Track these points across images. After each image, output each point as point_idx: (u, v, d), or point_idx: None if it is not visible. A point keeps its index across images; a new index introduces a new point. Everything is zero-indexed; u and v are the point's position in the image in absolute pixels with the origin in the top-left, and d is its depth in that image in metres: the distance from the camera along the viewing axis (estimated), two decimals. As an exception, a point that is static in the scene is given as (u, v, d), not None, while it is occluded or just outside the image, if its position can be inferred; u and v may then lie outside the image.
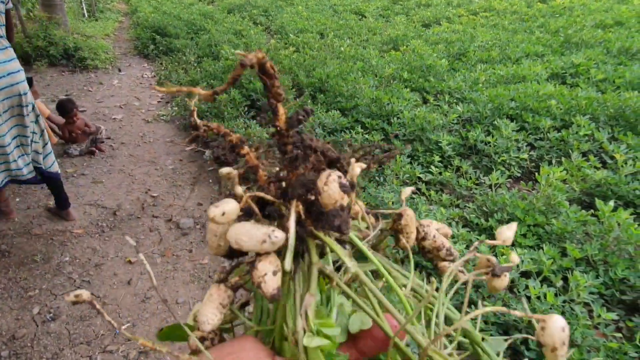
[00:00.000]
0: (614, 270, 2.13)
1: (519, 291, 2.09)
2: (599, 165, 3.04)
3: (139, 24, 9.38)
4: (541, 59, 5.20)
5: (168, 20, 8.72)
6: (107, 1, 12.87)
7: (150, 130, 4.75)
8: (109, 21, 10.72)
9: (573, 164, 3.00)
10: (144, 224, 3.19)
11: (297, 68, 5.35)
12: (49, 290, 2.55)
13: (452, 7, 8.87)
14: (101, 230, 3.10)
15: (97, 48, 7.30)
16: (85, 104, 5.46)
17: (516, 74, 4.60)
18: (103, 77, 6.68)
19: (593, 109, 3.69)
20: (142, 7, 10.79)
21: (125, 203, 3.42)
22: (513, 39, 5.91)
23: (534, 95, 3.94)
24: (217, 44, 6.88)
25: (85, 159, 4.12)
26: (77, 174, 3.85)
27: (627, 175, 2.82)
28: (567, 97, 3.87)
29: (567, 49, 5.51)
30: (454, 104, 4.13)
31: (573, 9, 7.53)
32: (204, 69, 5.70)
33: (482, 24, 7.14)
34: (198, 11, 9.96)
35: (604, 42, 5.39)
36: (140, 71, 7.03)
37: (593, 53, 4.98)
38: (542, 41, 5.72)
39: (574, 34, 5.72)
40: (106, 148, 4.29)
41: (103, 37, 8.91)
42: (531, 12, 7.71)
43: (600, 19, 6.41)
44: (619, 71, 4.39)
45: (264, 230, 0.34)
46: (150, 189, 3.62)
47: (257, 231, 0.34)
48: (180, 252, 2.89)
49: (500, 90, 4.09)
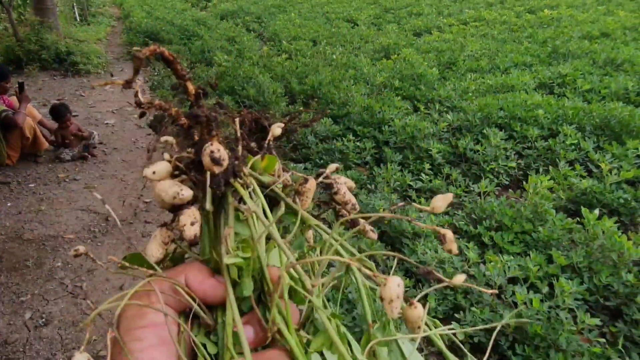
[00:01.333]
0: (598, 276, 2.19)
1: (506, 297, 2.14)
2: (584, 174, 3.12)
3: (131, 29, 9.39)
4: (529, 68, 5.30)
5: (161, 26, 8.74)
6: (99, 5, 12.85)
7: (143, 135, 4.76)
8: (101, 25, 10.71)
9: (560, 172, 3.07)
10: (137, 229, 3.19)
11: (289, 75, 5.40)
12: (41, 295, 2.55)
13: (443, 16, 9.00)
14: (93, 236, 3.10)
15: (89, 53, 7.30)
16: (77, 108, 5.45)
17: (505, 83, 4.69)
18: (95, 81, 6.68)
19: (579, 119, 3.78)
20: (135, 12, 10.80)
21: (117, 208, 3.43)
22: (502, 49, 6.02)
23: (522, 105, 4.02)
24: (210, 50, 6.92)
25: (78, 164, 4.12)
26: (69, 179, 3.85)
27: (612, 184, 2.89)
28: (554, 106, 3.96)
29: (555, 59, 5.63)
30: (444, 112, 4.20)
31: (561, 20, 7.69)
32: (196, 74, 5.73)
33: (472, 34, 7.26)
34: (191, 17, 10.00)
35: (590, 53, 5.51)
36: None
37: (580, 63, 5.09)
38: (530, 51, 5.83)
39: (561, 45, 5.84)
40: (98, 153, 4.29)
41: (95, 42, 8.90)
42: (520, 22, 7.85)
43: (587, 31, 6.55)
44: (605, 82, 4.50)
45: (175, 189, 0.42)
46: (143, 194, 3.63)
47: (170, 188, 0.43)
48: (173, 257, 2.90)
49: (489, 99, 4.17)
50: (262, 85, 4.84)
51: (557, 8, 8.80)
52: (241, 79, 5.18)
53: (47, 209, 3.40)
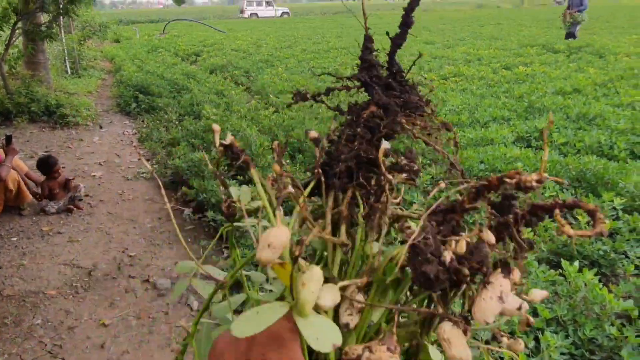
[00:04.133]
0: (583, 330, 2.21)
1: (492, 353, 2.13)
2: (564, 226, 3.20)
3: (122, 82, 9.59)
4: (507, 122, 5.52)
5: (151, 79, 8.95)
6: (90, 59, 13.15)
7: (130, 188, 4.77)
8: (92, 78, 10.92)
9: (540, 224, 3.14)
10: (120, 284, 3.15)
11: (276, 128, 5.54)
12: (19, 355, 2.46)
13: (424, 71, 9.41)
14: (75, 291, 3.04)
15: (79, 105, 7.41)
16: (65, 160, 5.47)
17: (485, 137, 4.86)
18: (84, 133, 6.74)
19: (557, 171, 3.92)
20: (126, 66, 11.07)
21: (101, 262, 3.39)
22: (481, 104, 6.28)
23: (501, 158, 4.17)
24: (198, 103, 7.08)
25: (63, 216, 4.09)
26: (53, 232, 3.81)
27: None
28: (532, 159, 4.11)
29: (531, 113, 5.88)
30: (427, 165, 4.32)
31: (535, 76, 8.09)
32: (185, 127, 5.84)
33: (452, 89, 7.58)
34: (181, 71, 10.28)
35: (564, 108, 5.79)
36: (121, 128, 7.12)
37: (554, 118, 5.33)
38: (507, 106, 6.09)
39: (536, 100, 6.12)
40: (84, 205, 4.28)
41: (86, 94, 9.05)
42: (497, 78, 8.24)
43: (560, 86, 6.90)
44: (579, 135, 4.70)
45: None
46: (128, 248, 3.60)
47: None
48: (157, 314, 2.85)
49: (470, 152, 4.32)
50: (249, 139, 4.94)
51: (531, 65, 9.28)
52: (229, 132, 5.28)
53: (29, 263, 3.34)
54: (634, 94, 6.18)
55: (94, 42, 17.28)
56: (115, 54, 14.62)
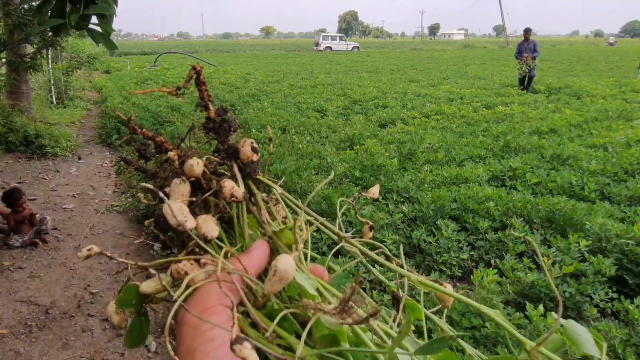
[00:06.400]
0: (543, 377, 2.16)
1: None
2: (533, 267, 3.18)
3: (106, 113, 9.60)
4: (483, 161, 5.58)
5: (135, 111, 8.98)
6: (77, 89, 13.20)
7: (101, 222, 4.69)
8: (77, 109, 10.93)
9: (507, 265, 3.13)
10: (77, 323, 3.03)
11: (254, 163, 5.52)
12: (-43, 401, 2.33)
13: (407, 109, 9.56)
14: (29, 331, 2.92)
15: (59, 136, 7.36)
16: (37, 192, 5.39)
17: (459, 175, 4.90)
18: (61, 164, 6.67)
19: (527, 211, 3.93)
20: (112, 98, 11.11)
21: (60, 300, 3.27)
22: (459, 142, 6.36)
23: (474, 197, 4.18)
24: (180, 136, 7.07)
25: (27, 250, 3.98)
26: (13, 267, 3.70)
27: (557, 277, 2.95)
28: (505, 199, 4.13)
29: (507, 152, 5.97)
30: (400, 203, 4.32)
31: (514, 115, 8.27)
32: (163, 160, 5.80)
33: (432, 126, 7.69)
34: (167, 103, 10.33)
35: (539, 148, 5.88)
36: (100, 160, 7.07)
37: (529, 158, 5.40)
38: (484, 144, 6.18)
39: (512, 140, 6.23)
40: (51, 239, 4.18)
41: (69, 124, 9.03)
42: (477, 116, 8.39)
43: (537, 126, 7.04)
44: (552, 176, 4.76)
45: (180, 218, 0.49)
46: (90, 284, 3.50)
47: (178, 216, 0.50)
48: (112, 355, 2.74)
49: (444, 191, 4.33)
50: (226, 173, 4.92)
51: (511, 105, 9.50)
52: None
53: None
54: (606, 135, 6.32)
55: (84, 73, 17.41)
56: (104, 84, 14.70)
